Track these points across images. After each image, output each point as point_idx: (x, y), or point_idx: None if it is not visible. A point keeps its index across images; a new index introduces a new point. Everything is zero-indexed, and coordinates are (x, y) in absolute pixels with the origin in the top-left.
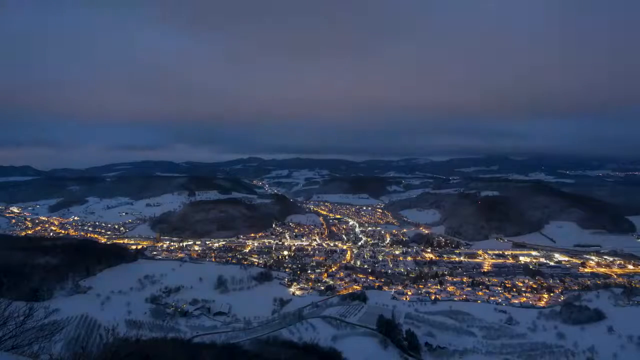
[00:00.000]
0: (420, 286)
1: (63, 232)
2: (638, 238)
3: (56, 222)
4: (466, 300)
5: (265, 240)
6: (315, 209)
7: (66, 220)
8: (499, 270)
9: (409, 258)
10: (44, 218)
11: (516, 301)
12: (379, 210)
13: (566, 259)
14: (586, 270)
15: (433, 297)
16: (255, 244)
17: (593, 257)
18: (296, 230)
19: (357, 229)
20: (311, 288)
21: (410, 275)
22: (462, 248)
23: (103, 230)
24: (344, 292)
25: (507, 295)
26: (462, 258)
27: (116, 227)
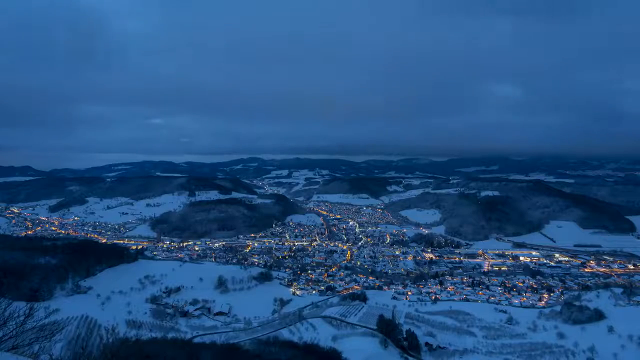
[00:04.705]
0: (421, 286)
1: (63, 232)
2: (638, 238)
3: (56, 222)
4: (466, 300)
5: (266, 240)
6: (315, 209)
7: (66, 221)
8: (499, 270)
9: (409, 258)
10: (44, 218)
11: (516, 301)
12: (379, 210)
13: (566, 258)
14: (586, 270)
15: (433, 297)
16: (256, 244)
17: (593, 257)
18: (296, 231)
19: (357, 229)
20: (311, 288)
21: (411, 275)
22: (462, 248)
23: (103, 231)
24: (344, 292)
25: (507, 295)
26: (462, 258)
27: (116, 227)
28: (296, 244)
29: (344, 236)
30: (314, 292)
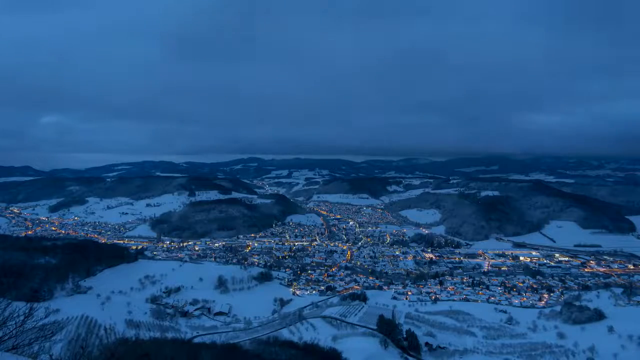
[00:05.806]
0: (421, 286)
1: (63, 232)
2: (638, 238)
3: (56, 222)
4: (466, 300)
5: (266, 240)
6: (315, 209)
7: (66, 221)
8: (499, 270)
9: (409, 258)
10: (44, 218)
11: (516, 301)
12: (379, 210)
13: (566, 258)
14: (586, 270)
15: (433, 297)
16: (256, 244)
17: (593, 257)
18: (296, 231)
19: (357, 229)
20: (311, 288)
21: (411, 275)
22: (462, 248)
23: (103, 231)
24: (344, 292)
25: (507, 295)
26: (462, 258)
27: (116, 227)
28: (296, 244)
29: (344, 236)
30: (314, 292)
